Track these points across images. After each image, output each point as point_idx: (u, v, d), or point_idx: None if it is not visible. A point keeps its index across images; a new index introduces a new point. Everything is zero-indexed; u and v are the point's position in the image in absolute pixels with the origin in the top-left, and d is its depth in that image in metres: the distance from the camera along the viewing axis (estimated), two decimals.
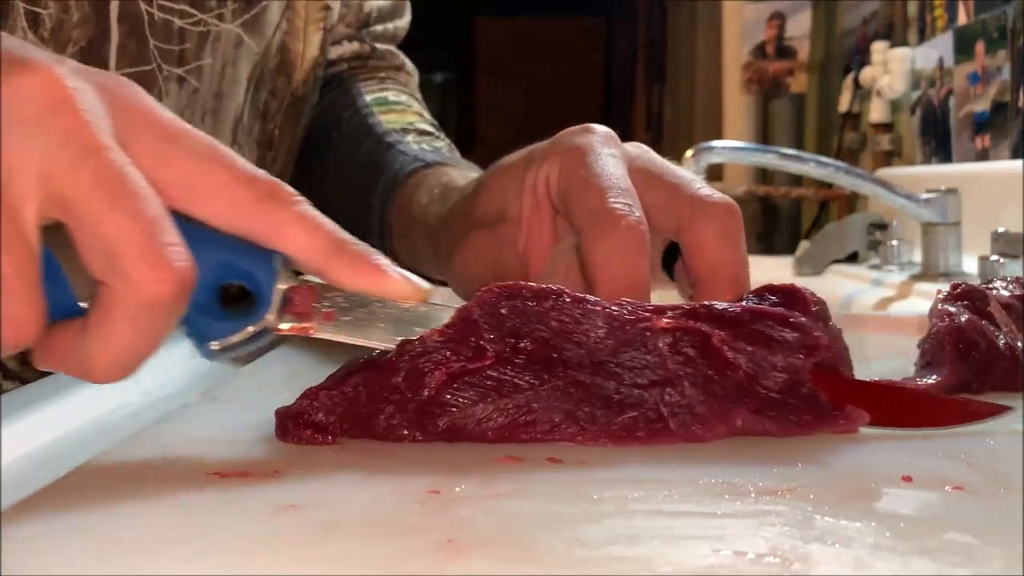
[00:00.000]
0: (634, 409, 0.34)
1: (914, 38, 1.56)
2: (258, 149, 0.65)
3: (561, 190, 0.43)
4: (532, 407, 0.34)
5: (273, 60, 0.64)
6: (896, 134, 1.64)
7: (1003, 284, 0.46)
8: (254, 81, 0.62)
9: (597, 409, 0.34)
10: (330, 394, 0.34)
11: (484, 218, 0.47)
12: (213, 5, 0.58)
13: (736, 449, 0.33)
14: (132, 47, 0.55)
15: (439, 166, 0.62)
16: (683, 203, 0.42)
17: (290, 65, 0.65)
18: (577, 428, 0.34)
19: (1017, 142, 1.19)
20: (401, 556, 0.24)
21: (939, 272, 0.99)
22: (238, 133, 0.62)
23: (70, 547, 0.25)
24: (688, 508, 0.27)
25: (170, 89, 0.57)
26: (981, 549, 0.24)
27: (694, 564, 0.23)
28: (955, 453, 0.33)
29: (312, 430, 0.34)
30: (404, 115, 0.71)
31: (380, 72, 0.76)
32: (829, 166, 1.02)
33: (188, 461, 0.32)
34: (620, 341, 0.34)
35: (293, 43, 0.65)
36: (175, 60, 0.57)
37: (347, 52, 0.75)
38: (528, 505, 0.28)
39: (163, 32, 0.56)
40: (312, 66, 0.67)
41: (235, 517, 0.27)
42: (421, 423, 0.34)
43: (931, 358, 0.43)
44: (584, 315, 0.35)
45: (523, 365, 0.34)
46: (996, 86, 1.25)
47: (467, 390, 0.34)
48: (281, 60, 0.64)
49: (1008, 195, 1.03)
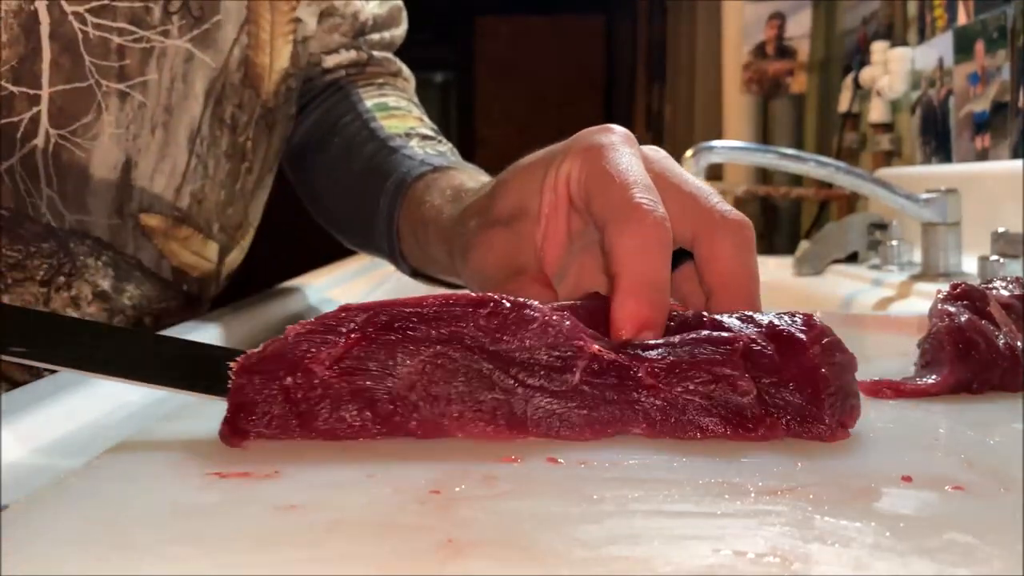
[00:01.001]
0: (507, 395, 0.34)
1: (914, 38, 1.56)
2: (228, 161, 0.66)
3: (583, 186, 0.43)
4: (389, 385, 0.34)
5: (235, 74, 0.64)
6: (896, 134, 1.64)
7: (1003, 284, 0.46)
8: (214, 95, 0.63)
9: (472, 389, 0.34)
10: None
11: (502, 215, 0.48)
12: (156, 22, 0.59)
13: (736, 449, 0.33)
14: (66, 64, 0.56)
15: (448, 170, 0.62)
16: (702, 214, 0.42)
17: (256, 78, 0.66)
18: (446, 405, 0.34)
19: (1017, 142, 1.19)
20: (401, 556, 0.24)
21: (939, 272, 0.99)
22: (196, 145, 0.63)
23: (70, 547, 0.25)
24: (688, 508, 0.27)
25: (110, 104, 0.58)
26: (981, 549, 0.24)
27: (694, 564, 0.23)
28: (955, 453, 0.33)
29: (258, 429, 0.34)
30: (405, 120, 0.71)
31: (378, 79, 0.76)
32: (829, 166, 1.02)
33: (188, 461, 0.32)
34: (542, 344, 0.34)
35: (258, 56, 0.66)
36: (114, 76, 0.58)
37: (344, 60, 0.75)
38: (528, 505, 0.28)
39: (100, 49, 0.57)
40: (282, 78, 0.68)
41: (235, 517, 0.27)
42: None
43: (931, 358, 0.43)
44: (519, 320, 0.35)
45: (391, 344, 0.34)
46: (996, 86, 1.25)
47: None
48: (245, 74, 0.65)
49: (1008, 195, 1.03)
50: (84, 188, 0.58)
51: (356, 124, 0.71)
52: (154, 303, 0.65)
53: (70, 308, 0.59)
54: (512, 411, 0.34)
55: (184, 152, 0.62)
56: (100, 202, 0.59)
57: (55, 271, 0.58)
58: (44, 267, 0.58)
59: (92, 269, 0.60)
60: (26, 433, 0.38)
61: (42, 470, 0.36)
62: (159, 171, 0.62)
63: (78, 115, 0.57)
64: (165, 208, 0.63)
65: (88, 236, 0.60)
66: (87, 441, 0.39)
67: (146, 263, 0.63)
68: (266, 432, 0.34)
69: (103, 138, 0.58)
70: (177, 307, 0.67)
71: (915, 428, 0.36)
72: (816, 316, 0.36)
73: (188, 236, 0.65)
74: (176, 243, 0.65)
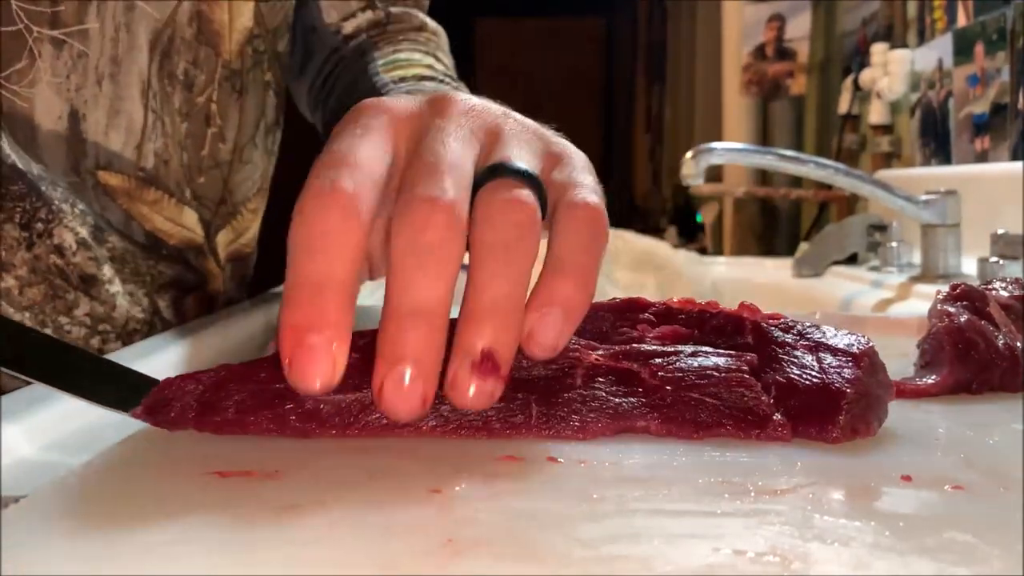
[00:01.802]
0: (505, 401, 0.34)
1: (914, 40, 1.56)
2: (186, 120, 0.64)
3: None
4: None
5: (187, 29, 0.62)
6: (896, 136, 1.64)
7: (1002, 285, 0.46)
8: (160, 49, 0.61)
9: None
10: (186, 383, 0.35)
11: None
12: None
13: (736, 449, 0.33)
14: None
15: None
16: (558, 189, 0.38)
17: (214, 35, 0.64)
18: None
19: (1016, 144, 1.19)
20: (401, 556, 0.24)
21: (939, 273, 0.99)
22: (150, 100, 0.61)
23: (70, 547, 0.25)
24: (688, 507, 0.27)
25: (44, 51, 0.56)
26: (981, 549, 0.24)
27: (694, 563, 0.23)
28: (955, 453, 0.33)
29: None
30: (410, 69, 0.69)
31: (399, 36, 0.74)
32: (829, 167, 1.02)
33: (188, 461, 0.32)
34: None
35: (214, 13, 0.63)
36: (47, 23, 0.56)
37: (363, 23, 0.73)
38: (528, 505, 0.28)
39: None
40: (246, 38, 0.66)
41: (235, 517, 0.27)
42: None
43: (930, 358, 0.43)
44: None
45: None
46: (995, 88, 1.25)
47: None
48: (199, 30, 0.63)
49: (1007, 197, 1.03)
50: (34, 138, 0.57)
51: (365, 86, 0.69)
52: (140, 259, 0.63)
53: (54, 255, 0.58)
54: (510, 420, 0.34)
55: (139, 107, 0.60)
56: (54, 156, 0.58)
57: (31, 215, 0.56)
58: (19, 210, 0.56)
59: (69, 216, 0.58)
60: (26, 433, 0.38)
61: (42, 469, 0.36)
62: (113, 126, 0.60)
63: (11, 60, 0.55)
64: (127, 167, 0.61)
65: (57, 185, 0.58)
66: (87, 441, 0.39)
67: (115, 224, 0.61)
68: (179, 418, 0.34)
69: (41, 86, 0.56)
70: (179, 276, 0.66)
71: (915, 428, 0.36)
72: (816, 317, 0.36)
73: (157, 199, 0.63)
74: (145, 206, 0.63)
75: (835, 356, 0.36)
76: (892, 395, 0.36)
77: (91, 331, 0.60)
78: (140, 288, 0.63)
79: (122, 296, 0.61)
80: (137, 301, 0.63)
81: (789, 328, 0.38)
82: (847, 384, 0.34)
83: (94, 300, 0.60)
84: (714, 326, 0.38)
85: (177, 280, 0.66)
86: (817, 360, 0.36)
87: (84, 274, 0.59)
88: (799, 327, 0.38)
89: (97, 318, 0.60)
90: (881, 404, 0.35)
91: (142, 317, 0.63)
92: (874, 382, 0.35)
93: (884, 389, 0.36)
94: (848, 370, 0.35)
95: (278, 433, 0.34)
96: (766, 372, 0.36)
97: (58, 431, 0.40)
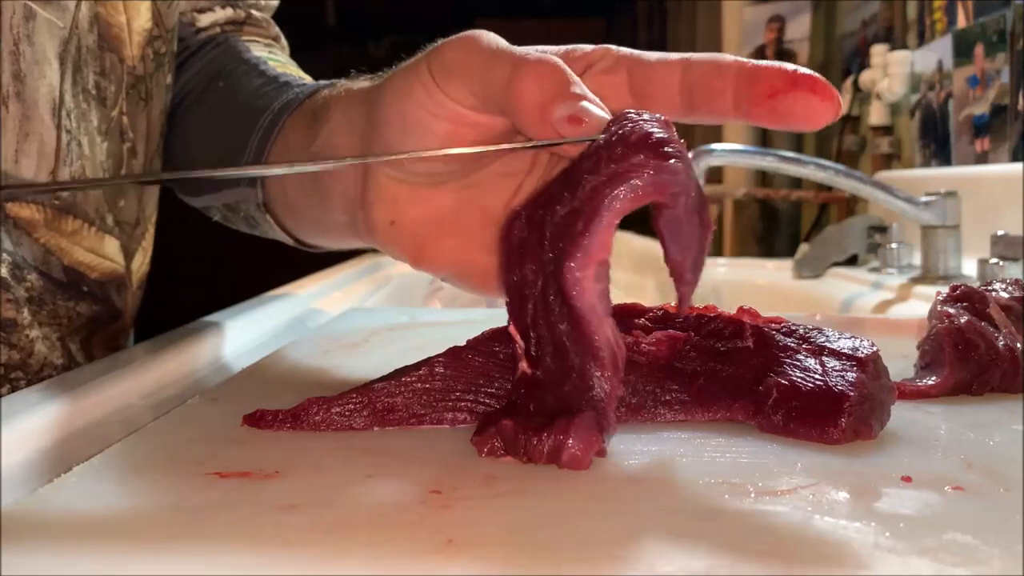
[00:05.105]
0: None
1: (913, 41, 1.56)
2: (106, 139, 0.58)
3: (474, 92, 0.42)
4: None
5: (89, 36, 0.56)
6: (895, 137, 1.64)
7: (1002, 286, 0.46)
8: (70, 60, 0.55)
9: None
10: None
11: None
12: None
13: (736, 449, 0.33)
14: None
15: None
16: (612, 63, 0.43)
17: (115, 40, 0.58)
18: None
19: (1016, 145, 1.19)
20: (401, 556, 0.24)
21: (939, 275, 0.99)
22: (63, 119, 0.54)
23: (70, 547, 0.25)
24: (688, 507, 0.27)
25: None
26: (981, 549, 0.24)
27: (694, 564, 0.23)
28: (955, 454, 0.33)
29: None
30: (292, 70, 0.64)
31: (262, 39, 0.70)
32: (829, 169, 1.02)
33: (188, 461, 0.32)
34: None
35: (112, 16, 0.58)
36: None
37: (220, 18, 0.68)
38: (528, 505, 0.28)
39: None
40: (146, 40, 0.60)
41: (235, 517, 0.27)
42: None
43: (930, 359, 0.43)
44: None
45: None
46: (995, 89, 1.25)
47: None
48: (100, 35, 0.57)
49: (1007, 198, 1.03)
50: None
51: (243, 68, 0.64)
52: (59, 298, 0.56)
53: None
54: None
55: (51, 128, 0.53)
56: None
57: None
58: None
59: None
60: (27, 434, 0.38)
61: (42, 471, 0.36)
62: (24, 152, 0.52)
63: None
64: (40, 196, 0.54)
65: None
66: (87, 441, 0.39)
67: (31, 260, 0.54)
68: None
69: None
70: (94, 316, 0.59)
71: (915, 429, 0.36)
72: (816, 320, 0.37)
73: (76, 230, 0.57)
74: (64, 238, 0.56)
75: (839, 360, 0.36)
76: (895, 399, 0.36)
77: (1, 379, 0.53)
78: (55, 332, 0.56)
79: (41, 342, 0.55)
80: (53, 345, 0.56)
81: (791, 332, 0.38)
82: (850, 387, 0.34)
83: (12, 348, 0.53)
84: (712, 329, 0.38)
85: (92, 319, 0.60)
86: (820, 363, 0.36)
87: (3, 319, 0.53)
88: (801, 330, 0.38)
89: (11, 366, 0.53)
90: (884, 408, 0.35)
91: (60, 363, 0.57)
92: (878, 386, 0.35)
93: (887, 393, 0.36)
94: (851, 373, 0.35)
95: None
96: (769, 375, 0.36)
97: (58, 431, 0.40)
